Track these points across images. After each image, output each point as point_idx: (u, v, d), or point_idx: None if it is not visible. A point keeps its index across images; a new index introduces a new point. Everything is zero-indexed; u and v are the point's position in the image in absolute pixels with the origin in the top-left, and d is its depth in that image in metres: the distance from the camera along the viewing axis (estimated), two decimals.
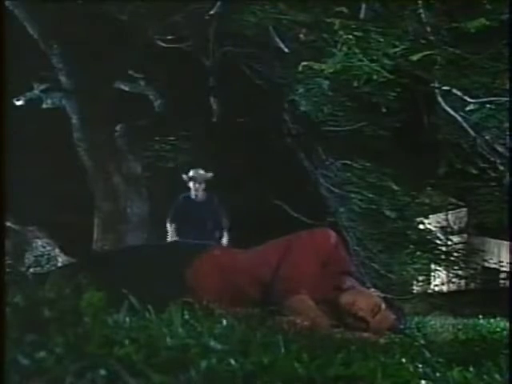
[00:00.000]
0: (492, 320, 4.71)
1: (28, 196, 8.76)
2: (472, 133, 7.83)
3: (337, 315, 2.41)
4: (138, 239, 8.35)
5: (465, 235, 14.49)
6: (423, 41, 6.53)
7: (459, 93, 7.14)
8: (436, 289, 14.06)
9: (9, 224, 9.14)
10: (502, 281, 14.05)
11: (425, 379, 1.29)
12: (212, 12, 7.82)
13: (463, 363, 1.55)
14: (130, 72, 9.51)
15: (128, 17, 8.20)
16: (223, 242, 6.90)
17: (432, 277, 13.29)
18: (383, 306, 2.47)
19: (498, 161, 8.15)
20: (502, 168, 8.20)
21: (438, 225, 12.61)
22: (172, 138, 9.77)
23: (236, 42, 8.67)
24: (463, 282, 13.36)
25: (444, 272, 12.23)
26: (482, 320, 4.78)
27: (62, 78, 8.55)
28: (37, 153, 9.50)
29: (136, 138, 9.05)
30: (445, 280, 13.57)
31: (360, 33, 6.28)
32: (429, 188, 11.11)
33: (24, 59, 7.36)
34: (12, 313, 1.05)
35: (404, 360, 1.43)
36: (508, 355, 1.74)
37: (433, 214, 12.10)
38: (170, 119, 9.62)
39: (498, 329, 3.55)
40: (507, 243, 12.93)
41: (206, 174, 7.14)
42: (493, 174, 8.93)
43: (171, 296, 1.84)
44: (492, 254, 14.40)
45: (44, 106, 8.84)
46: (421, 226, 10.36)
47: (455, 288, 13.93)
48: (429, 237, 10.44)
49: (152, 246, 3.82)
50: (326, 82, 7.36)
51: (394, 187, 9.25)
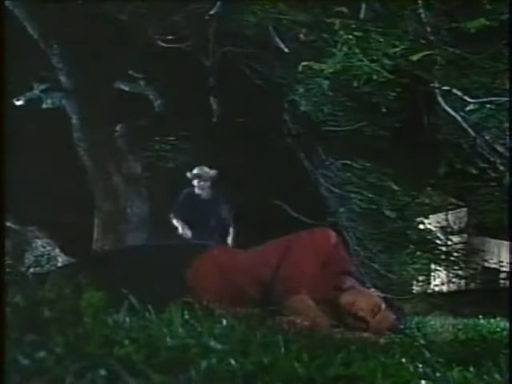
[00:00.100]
0: (492, 320, 4.71)
1: (28, 196, 8.75)
2: (472, 133, 7.83)
3: (337, 315, 2.41)
4: (138, 239, 8.34)
5: (465, 235, 14.48)
6: (423, 41, 6.53)
7: (459, 93, 7.13)
8: (436, 289, 14.06)
9: (9, 224, 9.14)
10: (502, 281, 14.05)
11: (425, 379, 1.29)
12: (212, 12, 7.82)
13: (463, 363, 1.55)
14: (130, 72, 9.51)
15: (128, 17, 8.20)
16: (229, 242, 6.77)
17: (432, 277, 13.29)
18: (383, 306, 2.47)
19: (498, 161, 8.14)
20: (502, 168, 8.20)
21: (438, 225, 12.61)
22: (172, 138, 9.76)
23: (236, 42, 8.66)
24: (463, 282, 13.36)
25: (444, 272, 12.23)
26: (482, 320, 4.78)
27: (62, 78, 8.55)
28: (37, 153, 9.49)
29: (136, 138, 9.04)
30: (445, 280, 13.57)
31: (360, 33, 6.28)
32: (429, 188, 11.11)
33: (24, 59, 7.36)
34: (12, 313, 1.06)
35: (404, 360, 1.43)
36: (508, 355, 1.74)
37: (433, 214, 12.10)
38: (170, 119, 9.61)
39: (498, 329, 3.55)
40: (507, 243, 12.93)
41: (211, 172, 6.98)
42: (493, 174, 8.92)
43: (171, 296, 1.84)
44: (492, 254, 14.39)
45: (44, 106, 8.83)
46: (421, 226, 10.36)
47: (455, 288, 13.93)
48: (429, 237, 10.44)
49: (152, 246, 3.81)
50: (326, 82, 7.35)
51: (394, 187, 9.24)
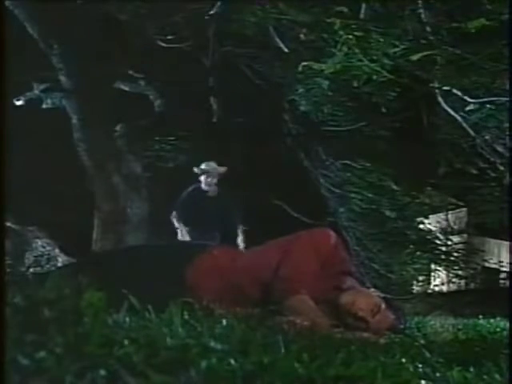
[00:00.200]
0: (492, 320, 4.71)
1: (28, 196, 8.76)
2: (472, 133, 7.81)
3: (337, 315, 2.41)
4: (138, 239, 8.33)
5: (465, 235, 14.48)
6: (423, 41, 6.52)
7: (459, 93, 7.12)
8: (436, 289, 14.06)
9: (9, 224, 9.14)
10: (502, 281, 14.04)
11: (425, 379, 1.29)
12: (212, 12, 7.81)
13: (463, 363, 1.55)
14: (130, 72, 9.51)
15: (128, 17, 8.20)
16: (239, 243, 6.51)
17: (432, 277, 13.29)
18: (383, 306, 2.47)
19: (498, 161, 8.14)
20: (502, 168, 8.19)
21: (438, 225, 12.62)
22: (172, 138, 9.76)
23: (236, 42, 8.65)
24: (463, 282, 13.36)
25: (444, 272, 12.23)
26: (482, 320, 4.78)
27: (62, 78, 8.55)
28: (37, 153, 9.49)
29: (136, 138, 9.04)
30: (445, 280, 13.57)
31: (360, 33, 6.27)
32: (429, 188, 11.11)
33: (24, 59, 7.36)
34: (12, 313, 1.05)
35: (404, 360, 1.43)
36: (508, 355, 1.74)
37: (433, 214, 12.10)
38: (170, 119, 9.61)
39: (498, 329, 3.55)
40: (507, 243, 12.92)
41: (219, 168, 6.70)
42: (493, 174, 8.91)
43: (171, 296, 1.84)
44: (492, 254, 14.39)
45: (44, 106, 8.83)
46: (421, 226, 10.36)
47: (455, 288, 13.93)
48: (429, 237, 10.43)
49: (152, 246, 3.81)
50: (326, 82, 7.34)
51: (394, 187, 9.24)
